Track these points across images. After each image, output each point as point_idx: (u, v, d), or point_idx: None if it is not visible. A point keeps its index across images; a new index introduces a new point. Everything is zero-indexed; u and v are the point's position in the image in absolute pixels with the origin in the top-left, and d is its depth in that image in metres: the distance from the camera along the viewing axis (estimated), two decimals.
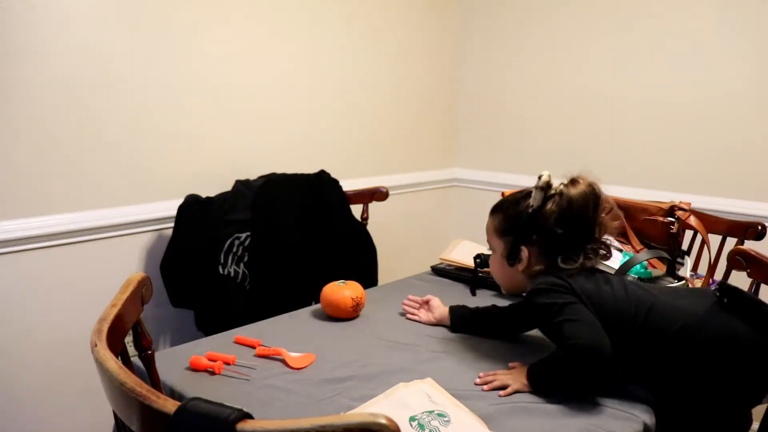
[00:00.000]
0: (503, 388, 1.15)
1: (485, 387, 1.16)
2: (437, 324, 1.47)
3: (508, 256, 1.27)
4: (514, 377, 1.17)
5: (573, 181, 1.23)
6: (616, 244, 1.54)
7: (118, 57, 1.79)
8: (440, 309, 1.48)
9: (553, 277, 1.18)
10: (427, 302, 1.51)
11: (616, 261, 1.44)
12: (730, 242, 1.78)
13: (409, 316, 1.53)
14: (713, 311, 1.11)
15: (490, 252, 1.36)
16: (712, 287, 1.17)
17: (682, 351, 1.09)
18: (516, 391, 1.14)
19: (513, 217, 1.27)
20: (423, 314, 1.51)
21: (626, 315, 1.13)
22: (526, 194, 1.27)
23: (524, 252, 1.24)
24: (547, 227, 1.21)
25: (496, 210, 1.33)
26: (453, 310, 1.47)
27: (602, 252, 1.24)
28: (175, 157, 1.95)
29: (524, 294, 1.29)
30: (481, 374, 1.20)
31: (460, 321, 1.44)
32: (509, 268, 1.28)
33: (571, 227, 1.20)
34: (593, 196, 1.21)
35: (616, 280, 1.21)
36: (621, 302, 1.15)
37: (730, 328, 1.08)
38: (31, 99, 1.64)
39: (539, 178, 1.23)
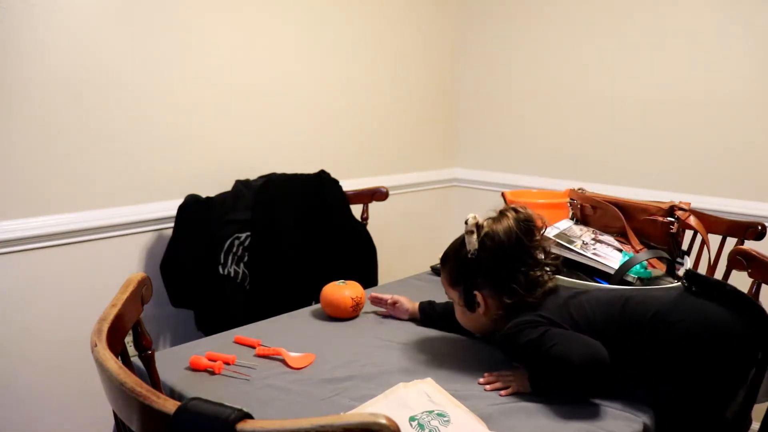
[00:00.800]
0: (505, 388, 1.15)
1: (488, 387, 1.16)
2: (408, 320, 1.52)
3: (466, 304, 1.27)
4: (516, 378, 1.17)
5: (499, 216, 1.25)
6: (615, 244, 1.54)
7: (118, 57, 1.79)
8: (409, 311, 1.51)
9: (518, 318, 1.19)
10: (394, 304, 1.53)
11: (616, 261, 1.44)
12: (730, 242, 1.78)
13: (379, 312, 1.57)
14: (683, 296, 1.15)
15: None
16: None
17: (659, 336, 1.11)
18: (516, 392, 1.15)
19: (457, 265, 1.28)
20: (394, 313, 1.55)
21: (603, 317, 1.15)
22: (463, 240, 1.27)
23: (478, 297, 1.25)
24: (485, 267, 1.23)
25: (443, 262, 1.34)
26: (422, 309, 1.50)
27: (550, 270, 1.27)
28: (175, 157, 1.95)
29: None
30: (486, 374, 1.20)
31: (429, 320, 1.48)
32: (472, 315, 1.28)
33: (502, 261, 1.22)
34: (521, 224, 1.22)
35: (583, 292, 1.24)
36: (593, 309, 1.17)
37: (699, 309, 1.11)
38: (31, 99, 1.64)
39: (466, 222, 1.24)
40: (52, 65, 1.66)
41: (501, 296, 1.23)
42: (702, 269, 1.84)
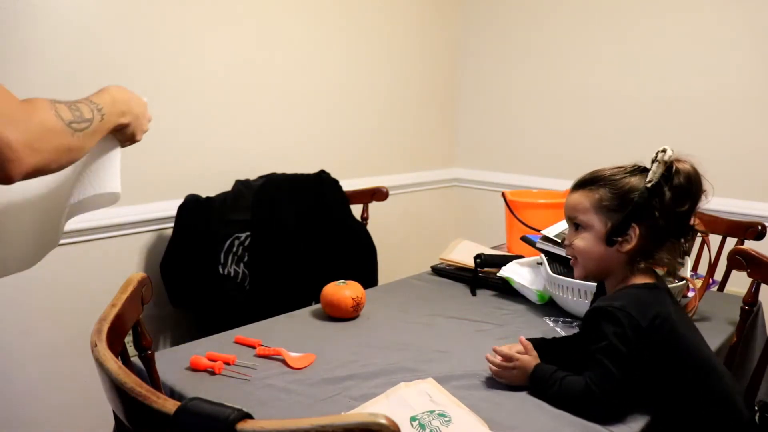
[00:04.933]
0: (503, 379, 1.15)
1: (491, 367, 1.16)
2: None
3: (612, 234, 1.12)
4: (520, 369, 1.14)
5: (678, 160, 1.13)
6: None
7: (118, 57, 1.79)
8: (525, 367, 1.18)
9: (636, 304, 1.06)
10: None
11: None
12: (730, 242, 1.78)
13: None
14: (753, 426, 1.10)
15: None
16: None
17: (704, 417, 1.09)
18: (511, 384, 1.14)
19: (625, 191, 1.11)
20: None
21: (690, 368, 1.09)
22: (632, 169, 1.14)
23: (635, 230, 1.10)
24: (666, 205, 1.09)
25: (595, 183, 1.15)
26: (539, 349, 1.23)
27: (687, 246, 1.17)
28: (175, 157, 1.95)
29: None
30: (498, 357, 1.17)
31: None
32: (605, 248, 1.13)
33: (682, 200, 1.11)
34: (698, 175, 1.13)
35: (691, 330, 1.15)
36: (693, 354, 1.10)
37: None
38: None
39: (663, 151, 1.09)
40: (52, 65, 1.66)
41: (658, 239, 1.11)
42: (702, 269, 1.84)
